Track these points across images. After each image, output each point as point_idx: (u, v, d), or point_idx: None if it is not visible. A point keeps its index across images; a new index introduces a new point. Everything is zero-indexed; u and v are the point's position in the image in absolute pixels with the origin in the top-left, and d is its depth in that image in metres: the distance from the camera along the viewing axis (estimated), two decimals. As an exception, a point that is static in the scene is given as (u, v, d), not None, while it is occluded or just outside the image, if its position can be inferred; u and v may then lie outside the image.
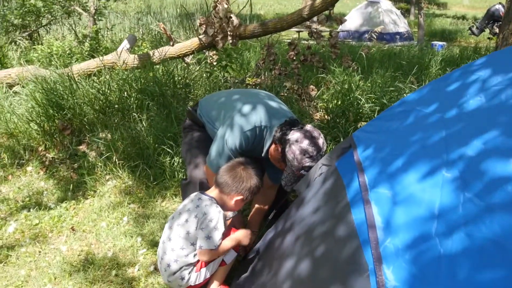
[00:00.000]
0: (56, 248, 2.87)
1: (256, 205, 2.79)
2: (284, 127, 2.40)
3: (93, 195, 3.47)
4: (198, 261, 2.31)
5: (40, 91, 4.43)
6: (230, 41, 5.11)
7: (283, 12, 18.58)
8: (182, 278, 2.28)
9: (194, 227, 2.26)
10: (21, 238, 2.99)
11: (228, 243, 2.32)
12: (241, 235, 2.40)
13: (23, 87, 4.99)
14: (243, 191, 2.38)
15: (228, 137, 2.42)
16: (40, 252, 2.84)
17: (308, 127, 2.39)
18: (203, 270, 2.32)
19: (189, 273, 2.29)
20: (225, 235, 2.31)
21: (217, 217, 2.27)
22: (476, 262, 1.08)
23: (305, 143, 2.30)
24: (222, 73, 5.44)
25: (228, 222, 2.51)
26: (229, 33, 5.09)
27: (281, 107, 2.62)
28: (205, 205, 2.31)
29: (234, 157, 2.47)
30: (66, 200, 3.41)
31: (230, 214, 2.53)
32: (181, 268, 2.27)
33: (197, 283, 2.33)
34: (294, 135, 2.34)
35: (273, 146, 2.45)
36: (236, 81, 5.56)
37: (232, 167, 2.41)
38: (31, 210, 3.30)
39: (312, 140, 2.33)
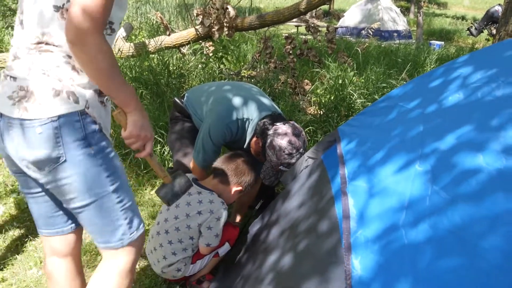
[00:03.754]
0: (43, 232, 2.89)
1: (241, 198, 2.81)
2: (266, 121, 2.41)
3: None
4: (195, 253, 2.34)
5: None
6: (226, 33, 5.12)
7: (283, 6, 18.60)
8: (178, 270, 2.30)
9: (197, 223, 2.25)
10: (9, 222, 3.01)
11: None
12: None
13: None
14: (243, 183, 2.40)
15: (212, 130, 2.43)
16: (27, 235, 2.86)
17: (290, 123, 2.41)
18: (199, 262, 2.35)
19: (185, 265, 2.31)
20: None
21: (223, 215, 2.28)
22: (437, 252, 1.11)
23: (286, 140, 2.32)
24: (217, 65, 5.45)
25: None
26: (225, 24, 5.11)
27: (272, 104, 2.63)
28: (209, 202, 2.29)
29: (219, 148, 2.49)
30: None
31: None
32: (178, 260, 2.28)
33: (191, 274, 2.36)
34: (275, 130, 2.35)
35: (254, 139, 2.47)
36: (232, 73, 5.58)
37: (232, 158, 2.42)
38: (20, 194, 3.31)
39: (293, 137, 2.34)
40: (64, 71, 1.41)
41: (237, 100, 2.49)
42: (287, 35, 5.62)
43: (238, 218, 2.84)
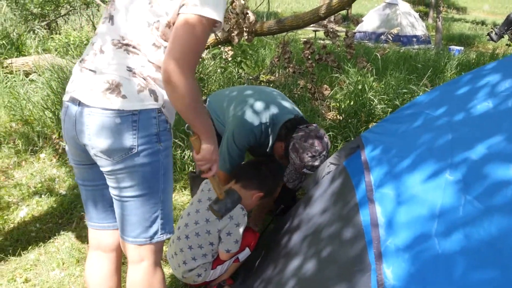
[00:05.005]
0: (65, 234, 2.92)
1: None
2: (289, 124, 2.42)
3: (103, 184, 3.53)
4: (215, 258, 2.34)
5: (56, 79, 4.50)
6: (246, 37, 5.13)
7: (301, 11, 18.57)
8: (199, 275, 2.30)
9: (217, 229, 2.26)
10: (32, 223, 3.05)
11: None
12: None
13: (39, 75, 5.07)
14: (265, 189, 2.41)
15: (236, 135, 2.45)
16: (49, 237, 2.89)
17: (313, 126, 2.41)
18: (219, 267, 2.35)
19: (205, 270, 2.32)
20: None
21: (243, 220, 2.28)
22: (472, 262, 1.10)
23: (309, 142, 2.32)
24: (236, 69, 5.47)
25: None
26: (245, 29, 5.11)
27: (293, 107, 2.63)
28: None
29: (243, 153, 2.50)
30: (77, 188, 3.46)
31: None
32: (198, 266, 2.29)
33: (211, 279, 2.37)
34: (298, 133, 2.36)
35: (277, 142, 2.47)
36: (250, 77, 5.59)
37: (254, 164, 2.43)
38: (43, 196, 3.36)
39: (316, 139, 2.34)
40: (149, 70, 1.54)
41: (259, 105, 2.50)
42: (305, 40, 5.61)
43: (257, 223, 2.84)
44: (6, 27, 8.49)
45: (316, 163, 2.33)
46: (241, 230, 2.28)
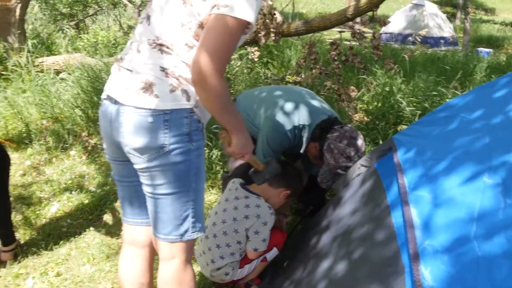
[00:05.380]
0: (95, 230, 2.97)
1: None
2: (324, 125, 2.42)
3: (132, 182, 3.57)
4: (243, 258, 2.35)
5: (86, 78, 4.58)
6: (273, 38, 5.13)
7: (326, 12, 18.49)
8: (226, 274, 2.32)
9: (244, 227, 2.27)
10: (63, 219, 3.11)
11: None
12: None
13: (69, 74, 5.17)
14: (291, 188, 2.41)
15: (270, 139, 2.45)
16: (80, 233, 2.95)
17: (348, 127, 2.40)
18: (247, 266, 2.37)
19: (233, 269, 2.33)
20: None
21: (270, 219, 2.29)
22: (515, 266, 1.09)
23: (344, 143, 2.32)
24: (263, 70, 5.48)
25: None
26: (272, 30, 5.12)
27: (323, 105, 2.63)
28: (256, 206, 2.31)
29: (278, 155, 2.51)
30: (106, 185, 3.52)
31: None
32: (226, 264, 2.31)
33: (239, 278, 2.39)
34: (333, 134, 2.35)
35: (312, 143, 2.47)
36: (276, 78, 5.60)
37: (282, 164, 2.44)
38: (73, 192, 3.42)
39: (351, 140, 2.34)
40: (182, 70, 1.56)
41: (290, 107, 2.50)
42: (332, 41, 5.59)
43: (283, 220, 2.84)
44: (36, 26, 8.69)
45: (351, 163, 2.32)
46: (268, 229, 2.29)
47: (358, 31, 5.51)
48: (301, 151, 2.57)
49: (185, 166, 1.61)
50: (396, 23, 13.87)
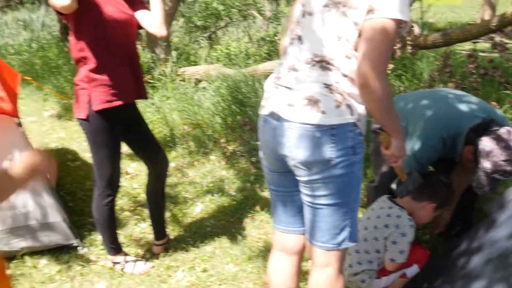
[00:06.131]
0: (236, 232, 3.14)
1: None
2: (478, 128, 2.30)
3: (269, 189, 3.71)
4: (381, 268, 2.35)
5: (226, 88, 4.85)
6: (410, 51, 5.03)
7: (456, 21, 17.51)
8: (363, 281, 2.33)
9: (383, 236, 2.28)
10: (207, 219, 3.33)
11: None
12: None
13: (209, 83, 5.51)
14: (437, 199, 2.36)
15: (418, 155, 2.39)
16: (223, 233, 3.13)
17: (505, 129, 2.25)
18: (384, 278, 2.35)
19: (370, 277, 2.33)
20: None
21: (409, 231, 2.26)
22: None
23: (501, 146, 2.19)
24: (397, 83, 5.38)
25: None
26: (409, 42, 5.02)
27: (474, 107, 2.46)
28: (397, 216, 2.30)
29: (425, 168, 2.46)
30: (245, 190, 3.70)
31: None
32: (363, 271, 2.32)
33: None
34: (488, 136, 2.23)
35: (466, 147, 2.34)
36: (408, 91, 5.46)
37: (427, 175, 2.39)
38: (215, 195, 3.65)
39: (508, 143, 2.20)
40: (344, 85, 1.62)
41: (438, 117, 2.40)
42: (469, 53, 5.33)
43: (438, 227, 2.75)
44: (171, 38, 9.37)
45: (509, 168, 2.20)
46: (407, 241, 2.25)
47: (499, 42, 5.21)
48: (456, 159, 2.46)
49: (348, 178, 1.66)
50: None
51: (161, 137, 4.66)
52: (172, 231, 3.18)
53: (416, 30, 4.94)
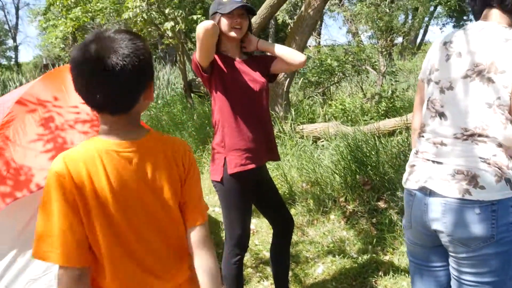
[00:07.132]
0: (360, 297, 3.08)
1: None
2: None
3: (392, 253, 3.61)
4: None
5: (346, 147, 4.87)
6: None
7: None
8: None
9: None
10: (329, 281, 3.30)
11: None
12: None
13: (327, 141, 5.57)
14: None
15: None
16: (346, 298, 3.09)
17: None
18: None
19: None
20: None
21: None
22: None
23: None
24: None
25: None
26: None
27: None
28: None
29: None
30: (367, 252, 3.63)
31: None
32: None
33: None
34: None
35: None
36: None
37: None
38: (336, 256, 3.62)
39: None
40: (502, 159, 1.58)
41: None
42: None
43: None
44: (291, 97, 9.64)
45: None
46: None
47: None
48: None
49: (508, 256, 1.60)
50: None
51: (280, 194, 4.74)
52: (294, 291, 3.19)
53: None
